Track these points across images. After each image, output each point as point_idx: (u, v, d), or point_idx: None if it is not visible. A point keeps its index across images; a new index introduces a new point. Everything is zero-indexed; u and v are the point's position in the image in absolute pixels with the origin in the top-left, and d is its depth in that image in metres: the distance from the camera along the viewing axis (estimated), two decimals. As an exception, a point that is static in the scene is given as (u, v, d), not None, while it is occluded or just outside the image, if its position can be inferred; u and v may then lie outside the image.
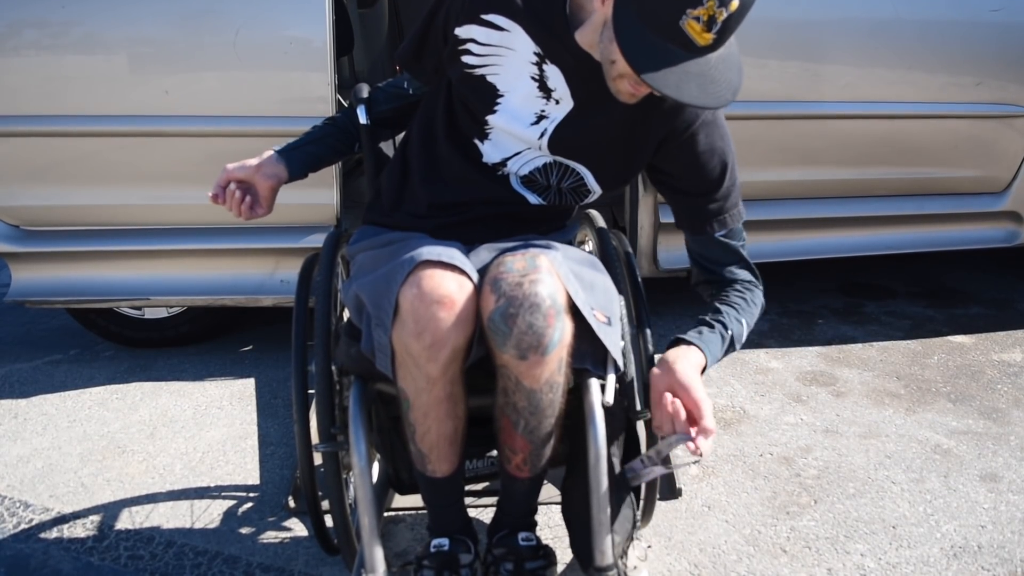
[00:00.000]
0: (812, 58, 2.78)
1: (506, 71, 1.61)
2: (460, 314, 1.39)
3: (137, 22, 2.59)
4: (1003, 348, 2.86)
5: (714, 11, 1.35)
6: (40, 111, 2.62)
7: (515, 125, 1.63)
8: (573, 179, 1.69)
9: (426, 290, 1.38)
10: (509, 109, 1.63)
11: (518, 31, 1.59)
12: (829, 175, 2.95)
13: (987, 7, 2.75)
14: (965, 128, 2.89)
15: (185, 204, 2.75)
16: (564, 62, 1.58)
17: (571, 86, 1.59)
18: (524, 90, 1.61)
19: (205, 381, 2.89)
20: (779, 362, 2.83)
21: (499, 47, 1.60)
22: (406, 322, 1.39)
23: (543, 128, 1.62)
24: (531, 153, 1.66)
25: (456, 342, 1.40)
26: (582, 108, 1.61)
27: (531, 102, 1.61)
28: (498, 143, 1.67)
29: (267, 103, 2.60)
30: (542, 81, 1.60)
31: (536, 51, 1.59)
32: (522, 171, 1.68)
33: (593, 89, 1.57)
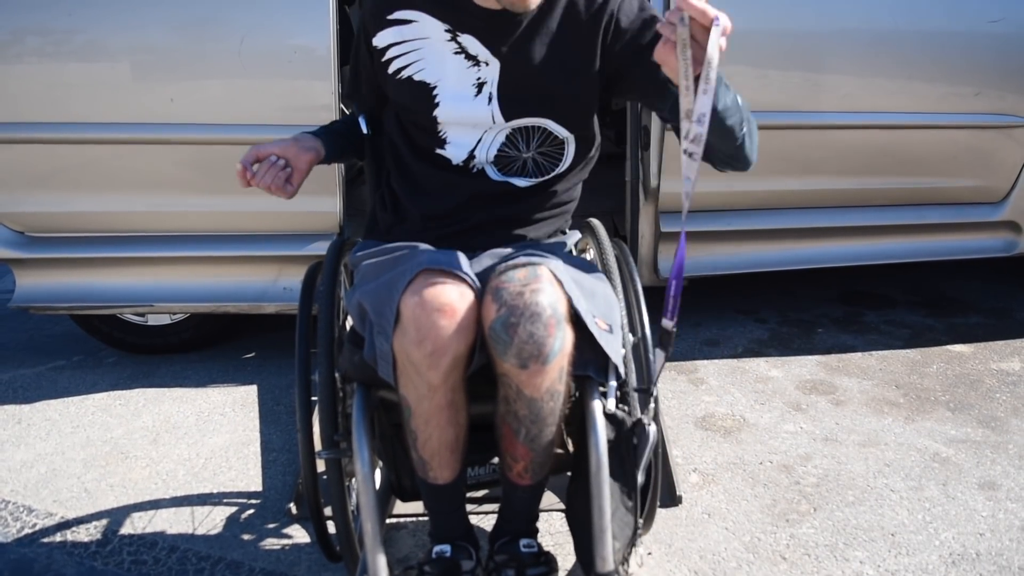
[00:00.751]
0: (812, 69, 2.80)
1: (429, 62, 1.66)
2: (461, 322, 1.40)
3: (142, 30, 2.60)
4: (1002, 357, 2.87)
5: None
6: (45, 118, 2.64)
7: (461, 106, 1.66)
8: (539, 137, 1.70)
9: (427, 298, 1.40)
10: (448, 94, 1.66)
11: (423, 17, 1.65)
12: (829, 184, 2.97)
13: (986, 18, 2.77)
14: (964, 138, 2.91)
15: (189, 211, 2.77)
16: (473, 27, 1.63)
17: (489, 47, 1.64)
18: (453, 68, 1.65)
19: (208, 387, 2.90)
20: (779, 371, 2.84)
21: (414, 40, 1.66)
22: (407, 330, 1.40)
23: (487, 94, 1.65)
24: (490, 135, 1.69)
25: (457, 350, 1.41)
26: (508, 62, 1.64)
27: (464, 75, 1.65)
28: (457, 141, 1.70)
29: (271, 111, 2.61)
30: (464, 51, 1.64)
31: (446, 28, 1.64)
32: (491, 155, 1.71)
33: (509, 41, 1.63)
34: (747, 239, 2.99)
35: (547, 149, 1.71)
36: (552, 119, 1.68)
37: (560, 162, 1.75)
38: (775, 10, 2.74)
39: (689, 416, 2.58)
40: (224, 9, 2.59)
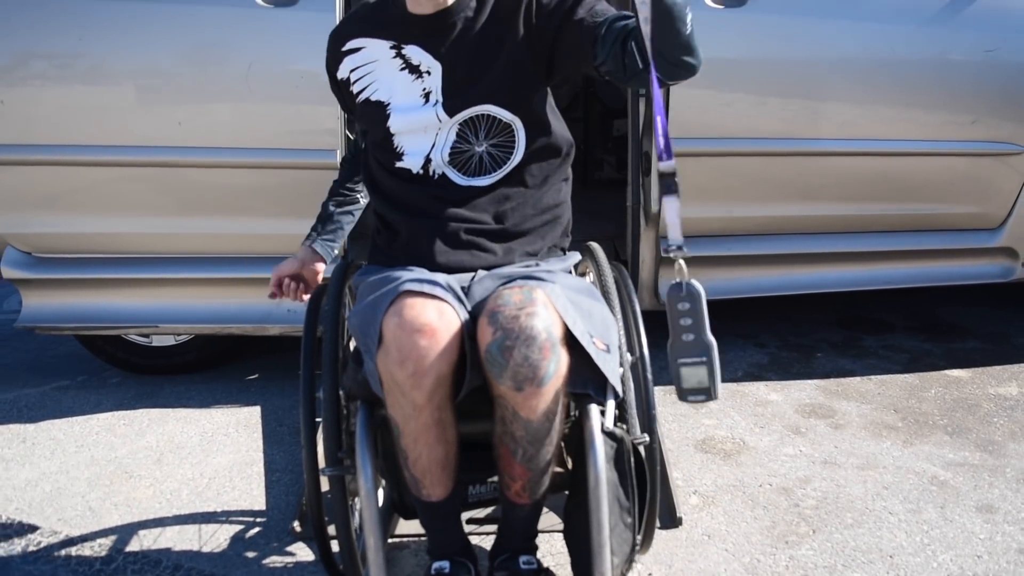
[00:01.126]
0: (811, 96, 2.84)
1: (380, 82, 1.79)
2: (442, 342, 1.44)
3: (151, 55, 2.65)
4: (999, 382, 2.89)
5: None
6: (54, 140, 2.69)
7: (410, 115, 1.76)
8: (486, 127, 1.76)
9: (407, 319, 1.44)
10: (398, 107, 1.77)
11: (370, 41, 1.79)
12: (828, 211, 3.00)
13: (981, 47, 2.81)
14: (961, 165, 2.94)
15: (195, 233, 2.80)
16: (414, 35, 1.75)
17: (430, 51, 1.75)
18: (400, 83, 1.77)
19: (211, 408, 2.92)
20: (778, 395, 2.86)
21: (366, 64, 1.80)
22: (390, 350, 1.44)
23: (434, 100, 1.75)
24: (441, 136, 1.76)
25: (440, 370, 1.44)
26: (447, 62, 1.74)
27: (411, 88, 1.76)
28: (411, 150, 1.78)
29: (277, 135, 2.65)
30: (409, 64, 1.76)
31: (391, 44, 1.77)
32: (445, 155, 1.77)
33: (447, 41, 1.74)
34: (747, 264, 3.01)
35: (498, 141, 1.77)
36: (492, 103, 1.75)
37: (513, 150, 1.78)
38: (775, 39, 2.78)
39: (689, 439, 2.60)
40: (232, 35, 2.64)
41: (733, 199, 2.94)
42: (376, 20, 1.81)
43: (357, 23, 1.84)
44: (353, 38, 1.82)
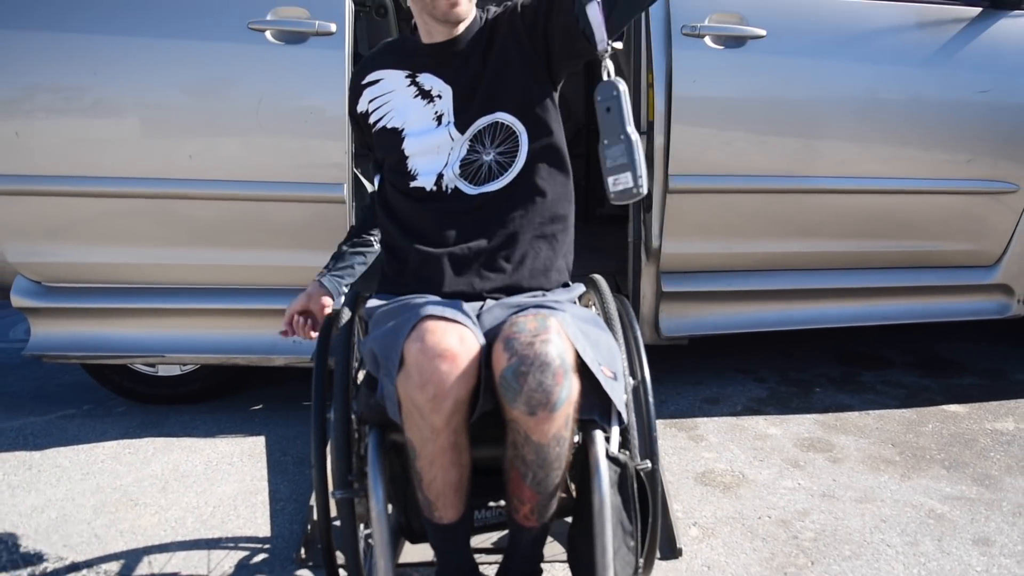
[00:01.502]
0: (810, 135, 2.89)
1: (396, 109, 1.90)
2: (462, 367, 1.48)
3: (164, 89, 2.71)
4: (996, 417, 2.92)
5: None
6: (66, 171, 2.73)
7: (424, 137, 1.86)
8: (493, 135, 1.84)
9: (429, 344, 1.48)
10: (413, 131, 1.87)
11: (388, 72, 1.91)
12: (827, 247, 3.04)
13: (976, 88, 2.87)
14: (957, 203, 2.99)
15: (203, 264, 2.84)
16: (426, 64, 1.87)
17: (441, 76, 1.86)
18: (414, 109, 1.87)
19: (216, 438, 2.95)
20: (778, 428, 2.89)
21: (383, 95, 1.92)
22: (411, 374, 1.47)
23: (446, 122, 1.85)
24: (453, 154, 1.85)
25: (458, 394, 1.48)
26: (457, 83, 1.85)
27: (424, 112, 1.87)
28: (424, 169, 1.87)
29: (286, 169, 2.70)
30: (422, 90, 1.87)
31: (406, 74, 1.89)
32: (456, 169, 1.85)
33: (456, 64, 1.85)
34: (747, 299, 3.06)
35: (504, 147, 1.85)
36: (498, 110, 1.84)
37: (517, 156, 1.85)
38: (774, 79, 2.84)
39: (689, 471, 2.63)
40: (243, 71, 2.69)
41: (733, 235, 2.98)
42: (393, 53, 1.95)
43: (377, 58, 1.97)
44: (373, 71, 1.94)
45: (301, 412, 3.10)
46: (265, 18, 2.65)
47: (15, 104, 2.71)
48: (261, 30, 2.65)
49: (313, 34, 2.65)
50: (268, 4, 2.66)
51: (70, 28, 2.68)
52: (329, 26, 2.64)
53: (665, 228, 2.89)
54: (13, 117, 2.71)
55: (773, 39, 2.79)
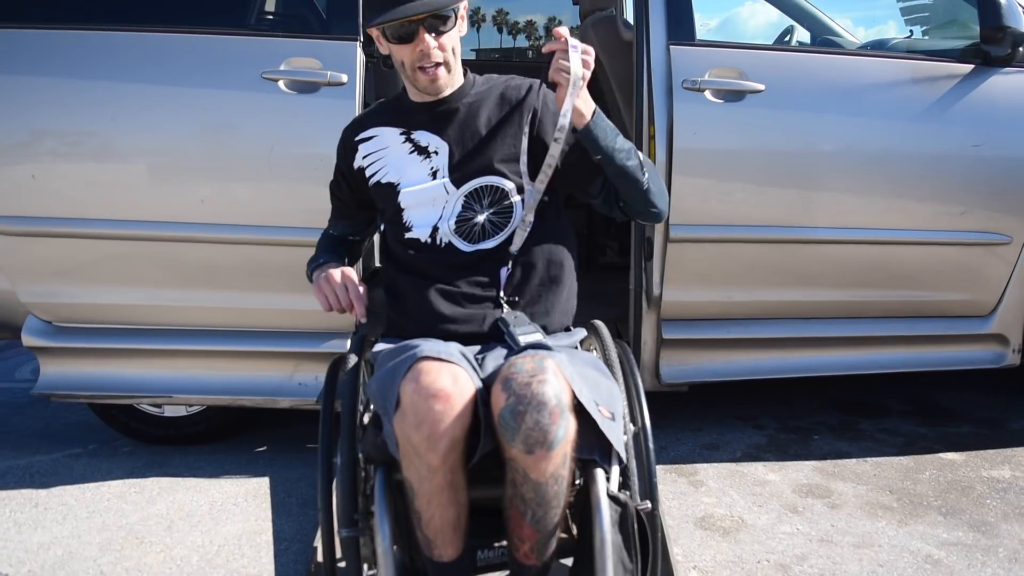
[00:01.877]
0: (807, 187, 2.95)
1: (391, 165, 1.97)
2: (456, 407, 1.53)
3: (179, 136, 2.78)
4: (992, 465, 2.95)
5: None
6: (82, 214, 2.78)
7: (419, 189, 1.93)
8: (489, 196, 1.92)
9: (423, 384, 1.54)
10: (408, 184, 1.95)
11: (382, 130, 1.99)
12: (824, 296, 3.08)
13: (969, 142, 2.93)
14: (952, 254, 3.04)
15: (212, 306, 2.89)
16: (420, 122, 1.96)
17: (436, 133, 1.94)
18: (410, 164, 1.96)
19: (221, 478, 2.98)
20: (776, 474, 2.92)
21: (378, 151, 2.00)
22: (406, 414, 1.53)
23: (441, 176, 1.93)
24: (448, 208, 1.92)
25: (454, 433, 1.53)
26: (453, 141, 1.94)
27: (420, 167, 1.94)
28: (420, 221, 1.95)
29: (297, 214, 2.76)
30: (417, 147, 1.95)
31: (400, 131, 1.97)
32: (451, 225, 1.92)
33: (452, 123, 1.94)
34: (746, 347, 3.10)
35: (498, 208, 1.92)
36: (495, 175, 1.92)
37: (511, 217, 1.93)
38: (772, 132, 2.90)
39: (689, 516, 2.66)
40: (257, 119, 2.76)
41: (733, 284, 3.03)
42: (387, 112, 2.03)
43: (370, 116, 2.06)
44: (367, 128, 2.03)
45: (305, 454, 3.13)
46: (278, 68, 2.72)
47: (32, 147, 2.79)
48: (274, 80, 2.72)
49: (325, 84, 2.72)
50: (282, 55, 2.74)
51: (89, 76, 2.76)
52: (341, 77, 2.72)
53: (666, 276, 2.95)
54: (30, 160, 2.78)
55: (771, 93, 2.86)
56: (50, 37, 2.79)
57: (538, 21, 6.61)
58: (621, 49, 3.58)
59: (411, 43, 1.84)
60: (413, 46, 1.84)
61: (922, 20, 3.63)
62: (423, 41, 1.82)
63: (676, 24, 2.87)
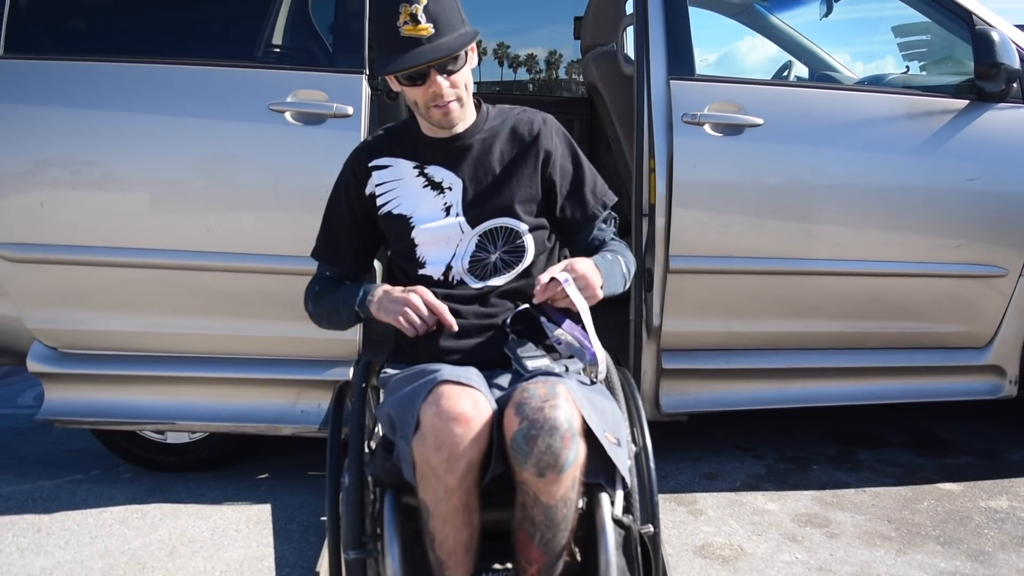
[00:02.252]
0: (806, 219, 2.99)
1: (404, 197, 1.98)
2: (475, 430, 1.57)
3: (186, 165, 2.83)
4: (990, 495, 2.97)
5: (410, 10, 1.79)
6: (88, 242, 2.82)
7: (434, 227, 1.95)
8: (503, 236, 1.96)
9: (444, 408, 1.57)
10: (422, 219, 1.96)
11: (396, 160, 2.00)
12: (823, 327, 3.11)
13: (964, 176, 2.98)
14: (949, 286, 3.07)
15: (216, 334, 2.92)
16: (435, 157, 1.97)
17: (450, 169, 1.96)
18: (425, 199, 1.97)
19: (223, 505, 2.99)
20: (775, 504, 2.94)
21: (391, 181, 2.01)
22: (426, 437, 1.56)
23: (455, 212, 1.95)
24: (462, 245, 1.95)
25: (471, 455, 1.56)
26: (468, 178, 1.96)
27: (434, 202, 1.96)
28: (433, 259, 1.97)
29: (301, 243, 2.75)
30: (431, 182, 1.97)
31: (414, 165, 1.98)
32: (465, 263, 1.95)
33: (466, 160, 1.96)
34: (745, 377, 3.12)
35: (510, 247, 1.96)
36: (510, 216, 1.95)
37: (523, 256, 1.97)
38: (771, 165, 2.95)
39: (689, 545, 2.67)
40: (263, 149, 2.81)
41: (732, 315, 3.07)
42: (400, 142, 2.03)
43: (382, 143, 2.05)
44: (380, 156, 2.02)
45: (307, 481, 3.15)
46: (285, 100, 2.77)
47: (41, 176, 2.83)
48: (281, 111, 2.77)
49: (331, 116, 2.77)
50: (288, 87, 2.79)
51: (98, 106, 2.81)
52: (346, 109, 2.77)
53: (666, 307, 2.98)
54: (39, 188, 2.83)
55: (770, 127, 2.91)
56: (61, 68, 2.86)
57: (539, 54, 6.66)
58: (622, 83, 3.64)
59: (423, 85, 1.85)
60: (425, 88, 1.85)
61: (919, 56, 3.69)
62: (435, 83, 1.84)
63: (676, 59, 2.93)
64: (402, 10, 1.78)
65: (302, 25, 3.02)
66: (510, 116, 2.04)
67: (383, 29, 1.85)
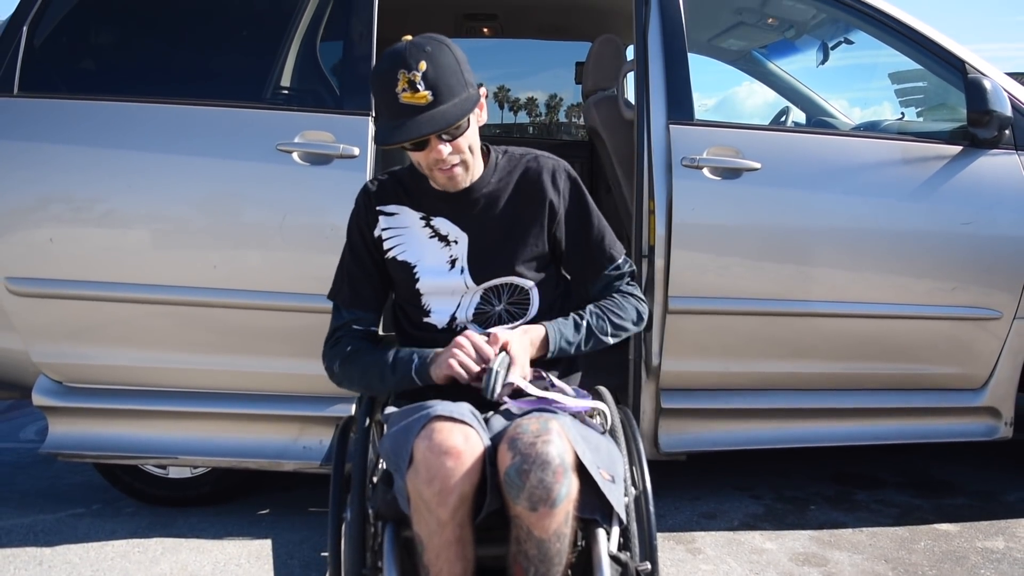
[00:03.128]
0: (803, 262, 3.03)
1: (410, 245, 2.00)
2: (467, 464, 1.60)
3: (194, 203, 2.89)
4: (987, 536, 2.99)
5: (408, 77, 1.77)
6: (96, 277, 2.86)
7: (439, 278, 1.97)
8: (508, 291, 1.99)
9: (436, 442, 1.61)
10: (427, 270, 1.98)
11: (403, 209, 2.01)
12: (820, 368, 3.14)
13: (958, 220, 3.03)
14: (944, 329, 3.11)
15: (220, 370, 2.95)
16: (441, 209, 1.98)
17: (456, 223, 1.97)
18: (430, 249, 1.98)
19: (224, 539, 3.01)
20: (773, 543, 2.95)
21: (397, 228, 2.02)
22: (419, 470, 1.60)
23: (459, 268, 1.97)
24: (467, 298, 1.98)
25: (463, 489, 1.60)
26: (473, 233, 1.97)
27: (439, 254, 1.97)
28: (438, 309, 1.99)
29: (307, 281, 2.82)
30: (438, 233, 1.98)
31: (420, 215, 1.99)
32: (469, 314, 1.98)
33: (472, 214, 1.97)
34: (743, 417, 3.15)
35: (516, 299, 2.00)
36: (516, 275, 1.98)
37: (528, 308, 2.01)
38: (768, 208, 3.00)
39: (686, 583, 2.69)
40: (270, 188, 2.86)
41: (730, 355, 3.10)
42: (406, 190, 2.02)
43: (392, 188, 2.04)
44: (389, 203, 2.03)
45: (307, 517, 3.16)
46: (293, 140, 2.84)
47: (51, 212, 2.88)
48: (288, 151, 2.83)
49: (337, 156, 2.83)
50: (296, 128, 2.86)
51: (109, 144, 2.87)
52: (353, 150, 2.83)
53: (665, 347, 3.01)
54: (49, 224, 2.88)
55: (767, 171, 2.97)
56: (73, 107, 2.93)
57: (539, 98, 6.75)
58: (622, 127, 3.70)
59: (424, 150, 1.85)
60: (427, 152, 1.84)
61: (916, 102, 3.76)
62: (436, 149, 1.83)
63: (675, 104, 3.00)
64: (400, 76, 1.76)
65: (310, 68, 3.08)
66: (519, 164, 2.02)
67: (382, 94, 1.82)
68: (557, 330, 1.95)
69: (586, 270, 2.07)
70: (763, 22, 3.97)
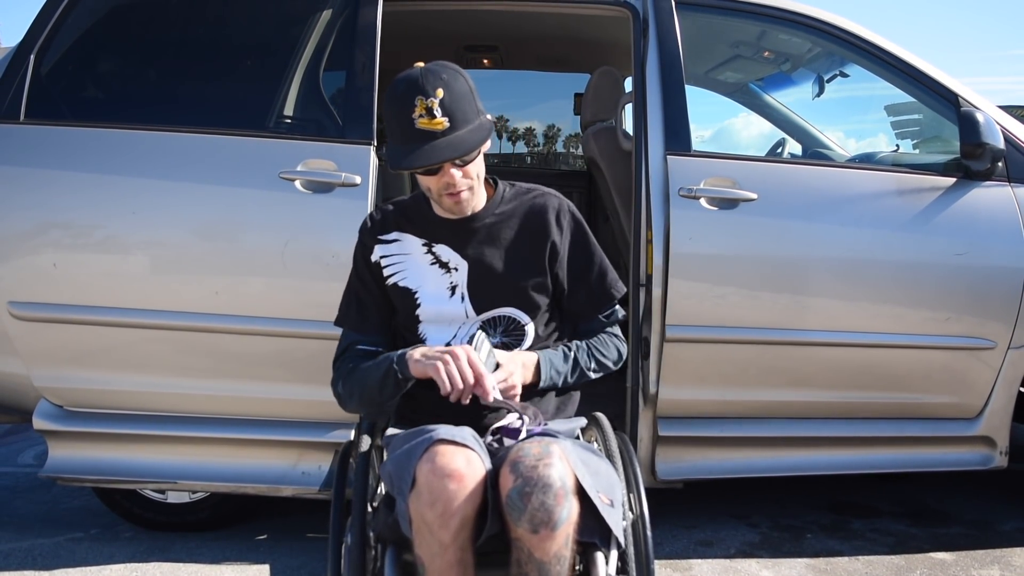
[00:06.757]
0: (799, 291, 3.06)
1: (410, 271, 2.03)
2: (469, 487, 1.63)
3: (197, 230, 2.92)
4: (982, 565, 3.00)
5: (425, 104, 1.81)
6: (98, 302, 2.89)
7: (439, 305, 2.00)
8: (505, 324, 2.01)
9: (439, 465, 1.64)
10: (428, 297, 2.01)
11: (405, 236, 2.04)
12: (816, 397, 3.16)
13: (952, 251, 3.06)
14: (939, 358, 3.13)
15: (223, 395, 2.96)
16: (443, 236, 2.02)
17: (458, 251, 2.01)
18: (430, 276, 2.01)
19: (222, 564, 3.01)
20: (770, 571, 2.96)
21: (398, 255, 2.05)
22: (421, 493, 1.63)
23: (460, 295, 2.00)
24: (463, 329, 2.01)
25: (465, 511, 1.63)
26: (474, 263, 2.00)
27: (440, 280, 2.00)
28: (433, 336, 2.02)
29: (308, 308, 2.85)
30: (439, 260, 2.01)
31: (423, 243, 2.02)
32: (465, 342, 1.98)
33: (473, 243, 2.00)
34: (740, 445, 3.16)
35: (511, 330, 2.02)
36: (515, 307, 2.02)
37: (523, 341, 2.04)
38: (765, 238, 3.03)
39: (683, 611, 2.70)
40: (273, 216, 2.89)
41: (727, 383, 3.12)
42: (410, 217, 2.07)
43: (393, 217, 2.09)
44: (390, 231, 2.07)
45: (306, 543, 3.17)
46: (295, 168, 2.87)
47: (55, 237, 2.91)
48: (291, 179, 2.87)
49: (339, 185, 2.86)
50: (299, 156, 2.89)
51: (114, 170, 2.90)
52: (355, 178, 2.86)
53: (662, 375, 3.04)
54: (52, 249, 2.90)
55: (764, 202, 3.01)
56: (78, 135, 2.96)
57: (537, 128, 6.81)
58: (621, 158, 3.75)
59: (436, 175, 1.89)
60: (439, 177, 1.89)
61: (911, 134, 3.80)
62: (449, 174, 1.87)
63: (673, 135, 3.04)
64: (418, 103, 1.81)
65: (313, 97, 3.12)
66: (525, 200, 2.06)
67: (397, 119, 1.85)
68: (548, 360, 2.01)
69: (584, 309, 2.12)
70: (759, 55, 4.03)
